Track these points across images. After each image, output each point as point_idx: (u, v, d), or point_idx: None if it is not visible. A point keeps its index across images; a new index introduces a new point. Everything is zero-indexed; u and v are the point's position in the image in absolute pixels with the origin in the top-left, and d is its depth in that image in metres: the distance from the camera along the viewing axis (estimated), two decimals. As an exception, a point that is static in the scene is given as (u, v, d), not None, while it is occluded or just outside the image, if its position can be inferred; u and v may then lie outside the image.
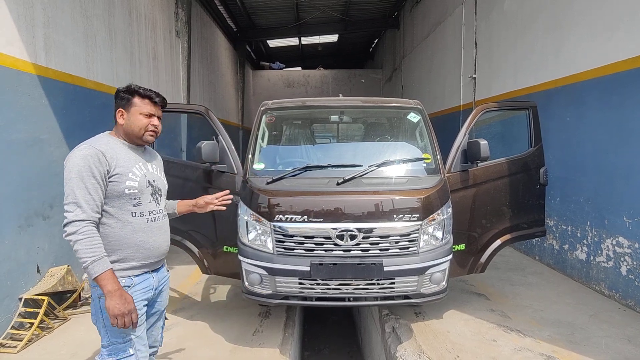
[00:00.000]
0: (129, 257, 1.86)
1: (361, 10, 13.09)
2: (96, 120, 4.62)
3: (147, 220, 1.92)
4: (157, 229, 1.97)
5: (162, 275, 2.09)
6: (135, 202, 1.87)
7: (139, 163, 1.94)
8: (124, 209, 1.85)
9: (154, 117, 1.96)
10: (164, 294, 2.12)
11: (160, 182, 2.04)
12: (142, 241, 1.89)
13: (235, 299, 4.10)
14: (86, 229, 1.71)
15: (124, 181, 1.82)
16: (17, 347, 3.10)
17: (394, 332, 3.37)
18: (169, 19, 7.43)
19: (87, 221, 1.72)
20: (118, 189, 1.81)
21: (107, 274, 1.72)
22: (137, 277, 1.89)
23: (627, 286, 3.81)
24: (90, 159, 1.75)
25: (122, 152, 1.89)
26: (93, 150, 1.77)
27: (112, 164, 1.81)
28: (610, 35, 3.98)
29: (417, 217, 2.87)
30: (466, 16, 7.54)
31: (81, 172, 1.73)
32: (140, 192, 1.89)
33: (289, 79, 17.56)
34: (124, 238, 1.84)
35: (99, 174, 1.76)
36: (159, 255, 1.99)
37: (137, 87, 1.94)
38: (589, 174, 4.32)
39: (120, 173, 1.82)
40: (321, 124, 4.42)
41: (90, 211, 1.73)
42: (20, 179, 3.44)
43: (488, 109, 3.59)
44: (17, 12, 3.42)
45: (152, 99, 1.95)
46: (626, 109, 3.79)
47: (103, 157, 1.78)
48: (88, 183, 1.73)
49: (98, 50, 4.70)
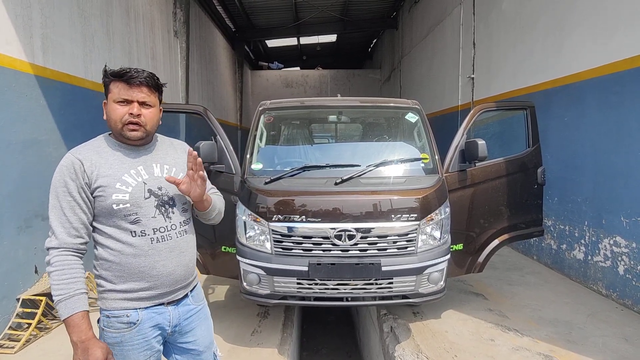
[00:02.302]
0: (135, 287, 1.51)
1: (360, 10, 13.09)
2: (94, 120, 4.61)
3: (150, 240, 1.52)
4: (166, 251, 1.55)
5: (187, 310, 1.66)
6: (131, 219, 1.49)
7: (136, 167, 1.54)
8: (121, 227, 1.49)
9: (134, 103, 1.48)
10: (197, 331, 1.69)
11: (173, 187, 1.58)
12: (147, 267, 1.51)
13: (234, 299, 4.10)
14: (58, 259, 1.40)
15: (110, 195, 1.46)
16: (15, 348, 3.09)
17: (392, 331, 3.37)
18: (167, 19, 7.43)
19: (59, 249, 1.41)
20: (104, 205, 1.46)
21: (73, 319, 1.37)
22: (146, 311, 1.53)
23: (625, 286, 3.82)
24: (66, 170, 1.44)
25: (111, 156, 1.51)
26: (69, 160, 1.45)
27: (92, 174, 1.45)
28: (609, 34, 3.98)
29: (415, 217, 2.88)
30: (465, 16, 7.55)
31: (56, 189, 1.45)
32: (136, 206, 1.49)
33: (287, 79, 17.55)
34: (126, 263, 1.50)
35: (76, 188, 1.43)
36: (172, 283, 1.58)
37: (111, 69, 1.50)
38: (587, 173, 4.33)
39: (104, 185, 1.46)
40: (319, 124, 4.42)
41: (66, 236, 1.42)
42: (19, 180, 3.44)
43: (486, 109, 3.60)
44: (15, 12, 3.41)
45: (126, 78, 1.46)
46: (625, 108, 3.80)
47: (80, 167, 1.44)
48: (63, 201, 1.43)
49: (96, 50, 4.70)
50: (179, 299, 1.64)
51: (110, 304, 1.51)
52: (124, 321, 1.50)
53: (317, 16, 12.90)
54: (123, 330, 1.50)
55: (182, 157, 1.68)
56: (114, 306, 1.51)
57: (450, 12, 8.29)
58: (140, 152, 1.58)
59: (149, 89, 1.52)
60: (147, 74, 1.51)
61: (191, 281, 1.70)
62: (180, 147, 1.74)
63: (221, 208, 1.81)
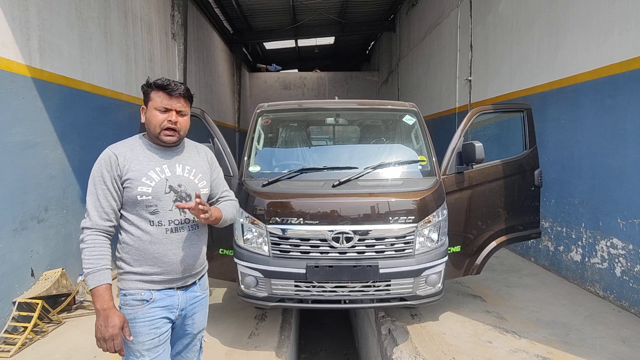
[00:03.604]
0: (149, 271, 1.70)
1: (358, 13, 13.13)
2: (92, 123, 4.61)
3: (165, 230, 1.71)
4: (178, 241, 1.74)
5: (193, 296, 1.84)
6: (151, 209, 1.69)
7: (161, 165, 1.73)
8: (142, 216, 1.69)
9: (172, 112, 1.70)
10: (196, 316, 1.87)
11: (192, 186, 1.78)
12: (160, 254, 1.70)
13: (231, 301, 4.09)
14: (90, 238, 1.61)
15: (136, 187, 1.66)
16: (11, 352, 3.07)
17: (390, 334, 3.37)
18: (165, 22, 7.43)
19: (92, 229, 1.62)
20: (131, 195, 1.67)
21: (98, 290, 1.57)
22: (159, 292, 1.71)
23: (622, 287, 3.84)
24: (103, 163, 1.66)
25: (142, 154, 1.72)
26: (107, 154, 1.67)
27: (124, 168, 1.66)
28: (605, 38, 4.01)
29: (413, 219, 2.88)
30: (462, 19, 7.58)
31: (94, 178, 1.65)
32: (157, 199, 1.69)
33: (285, 81, 17.57)
34: (143, 249, 1.69)
35: (110, 178, 1.64)
36: (182, 271, 1.76)
37: (155, 80, 1.71)
38: (584, 175, 4.35)
39: (132, 178, 1.66)
40: (317, 126, 4.43)
41: (98, 219, 1.63)
42: (16, 182, 3.43)
43: (483, 112, 3.62)
44: (12, 14, 3.41)
45: (168, 90, 1.68)
46: (620, 111, 3.82)
47: (115, 160, 1.65)
48: (99, 189, 1.64)
49: (94, 53, 4.69)
50: (188, 285, 1.81)
51: (128, 284, 1.70)
52: (138, 298, 1.68)
53: (315, 19, 12.93)
54: (137, 307, 1.67)
55: (204, 160, 1.91)
56: (131, 286, 1.69)
57: (447, 15, 8.33)
58: (168, 153, 1.77)
59: (185, 100, 1.74)
60: (185, 88, 1.73)
61: (200, 271, 1.87)
62: (203, 151, 1.95)
63: (234, 216, 1.99)
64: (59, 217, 3.96)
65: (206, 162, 1.91)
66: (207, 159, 1.93)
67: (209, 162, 1.94)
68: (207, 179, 1.87)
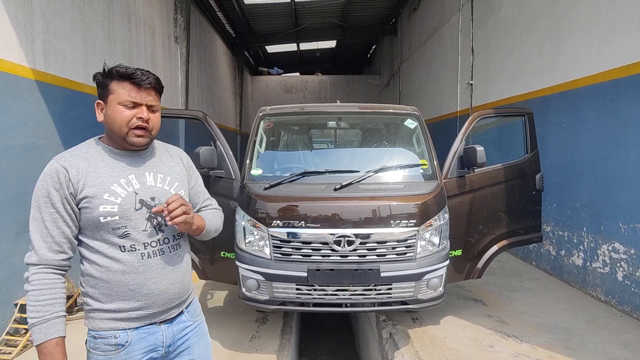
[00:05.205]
0: (124, 307, 1.38)
1: (359, 17, 13.19)
2: (94, 125, 4.62)
3: (141, 256, 1.39)
4: (158, 268, 1.42)
5: (182, 327, 1.51)
6: (120, 232, 1.36)
7: (127, 176, 1.40)
8: (110, 242, 1.36)
9: (142, 107, 1.38)
10: (194, 350, 1.54)
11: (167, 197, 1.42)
12: (137, 285, 1.38)
13: (233, 304, 4.09)
14: (36, 278, 1.28)
15: (97, 207, 1.33)
16: (12, 354, 3.08)
17: (391, 338, 3.36)
18: (168, 25, 7.47)
19: (38, 266, 1.29)
20: (91, 217, 1.33)
21: (46, 347, 1.24)
22: (137, 331, 1.40)
23: (624, 292, 3.83)
24: (49, 179, 1.30)
25: (100, 163, 1.38)
26: (54, 168, 1.32)
27: (78, 184, 1.32)
28: (606, 42, 4.02)
29: (414, 222, 2.88)
30: (463, 23, 7.61)
31: (38, 200, 1.31)
32: (125, 219, 1.36)
33: (287, 85, 17.63)
34: (114, 281, 1.36)
35: (60, 199, 1.30)
36: (165, 302, 1.44)
37: (116, 66, 1.36)
38: (585, 180, 4.35)
39: (90, 195, 1.32)
40: (319, 130, 4.44)
41: (47, 251, 1.29)
42: (18, 185, 3.44)
43: (484, 116, 3.62)
44: (17, 18, 3.44)
45: (136, 80, 1.35)
46: (621, 115, 3.82)
47: (65, 175, 1.31)
48: (45, 213, 1.30)
49: (97, 56, 4.72)
50: (173, 317, 1.50)
51: (97, 324, 1.38)
52: (112, 342, 1.37)
53: (316, 22, 12.99)
54: (110, 353, 1.37)
55: (179, 164, 1.58)
56: (101, 326, 1.38)
57: (448, 19, 8.36)
58: (134, 159, 1.44)
59: (155, 93, 1.43)
60: (155, 77, 1.41)
61: (186, 298, 1.56)
62: (177, 154, 1.61)
63: (218, 226, 1.68)
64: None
65: (182, 168, 1.58)
66: (183, 164, 1.61)
67: (185, 167, 1.61)
68: (184, 187, 1.55)
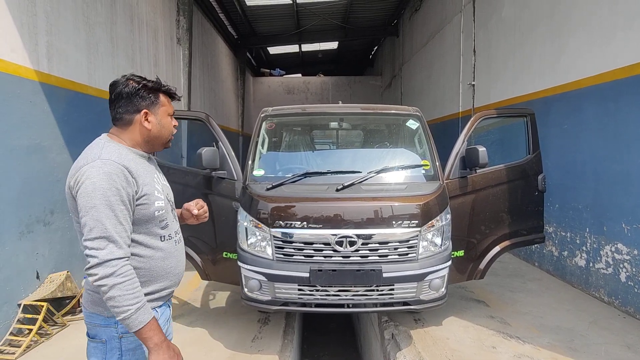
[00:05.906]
0: (158, 288, 1.55)
1: (361, 18, 13.20)
2: (97, 126, 4.63)
3: (175, 242, 1.62)
4: (181, 251, 1.68)
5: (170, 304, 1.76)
6: (163, 224, 1.56)
7: (153, 176, 1.58)
8: (153, 233, 1.52)
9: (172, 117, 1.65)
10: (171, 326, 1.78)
11: (172, 194, 1.71)
12: (173, 267, 1.59)
13: (235, 305, 4.10)
14: (125, 270, 1.35)
15: (153, 202, 1.49)
16: (16, 354, 3.09)
17: (393, 338, 3.36)
18: (171, 27, 7.50)
19: (124, 259, 1.37)
20: (147, 212, 1.48)
21: (153, 324, 1.39)
22: (160, 308, 1.59)
23: (627, 293, 3.81)
24: (117, 178, 1.37)
25: (140, 165, 1.52)
26: (117, 167, 1.39)
27: (139, 182, 1.45)
28: (608, 43, 4.02)
29: (416, 223, 2.88)
30: (465, 24, 7.61)
31: (108, 197, 1.34)
32: (166, 212, 1.58)
33: (289, 86, 17.65)
34: (155, 268, 1.52)
35: (127, 197, 1.40)
36: (180, 280, 1.69)
37: (162, 83, 1.59)
38: (588, 180, 4.34)
39: (148, 193, 1.48)
40: (321, 131, 4.45)
41: (126, 246, 1.39)
42: (22, 185, 3.46)
43: (486, 116, 3.62)
44: (20, 20, 3.46)
45: (173, 94, 1.62)
46: (624, 115, 3.82)
47: (129, 175, 1.41)
48: (118, 210, 1.36)
49: (100, 57, 4.75)
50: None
51: None
52: None
53: (318, 24, 13.01)
54: None
55: None
56: None
57: (450, 20, 8.36)
58: (150, 160, 1.64)
59: None
60: None
61: None
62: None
63: None
64: (64, 221, 3.99)
65: None
66: None
67: None
68: None
